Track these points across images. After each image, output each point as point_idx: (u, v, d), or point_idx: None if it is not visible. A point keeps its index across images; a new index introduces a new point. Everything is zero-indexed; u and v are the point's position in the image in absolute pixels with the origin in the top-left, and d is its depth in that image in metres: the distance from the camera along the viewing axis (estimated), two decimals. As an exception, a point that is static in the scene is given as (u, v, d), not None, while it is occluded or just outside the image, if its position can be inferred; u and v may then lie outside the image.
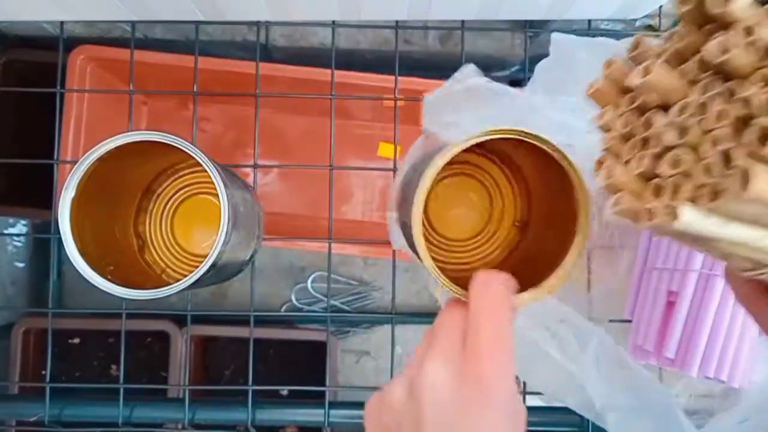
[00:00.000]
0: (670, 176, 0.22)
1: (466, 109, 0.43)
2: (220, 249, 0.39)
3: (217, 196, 0.39)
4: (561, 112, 0.40)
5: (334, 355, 0.84)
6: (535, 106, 0.41)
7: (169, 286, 0.39)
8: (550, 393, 0.45)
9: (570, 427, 0.54)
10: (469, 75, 0.43)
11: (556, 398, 0.44)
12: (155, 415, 0.55)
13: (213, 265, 0.39)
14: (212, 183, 0.39)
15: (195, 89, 0.55)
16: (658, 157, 0.22)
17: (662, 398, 0.40)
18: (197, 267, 0.39)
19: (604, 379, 0.40)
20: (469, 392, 0.25)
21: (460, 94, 0.43)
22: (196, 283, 0.39)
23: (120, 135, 0.39)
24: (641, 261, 0.49)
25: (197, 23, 0.54)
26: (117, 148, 0.39)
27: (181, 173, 0.53)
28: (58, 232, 0.39)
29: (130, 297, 0.39)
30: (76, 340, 0.88)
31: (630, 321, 0.49)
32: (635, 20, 0.64)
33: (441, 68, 0.78)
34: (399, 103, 0.55)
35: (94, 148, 0.39)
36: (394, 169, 0.53)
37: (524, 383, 0.49)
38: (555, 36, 0.42)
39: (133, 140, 0.39)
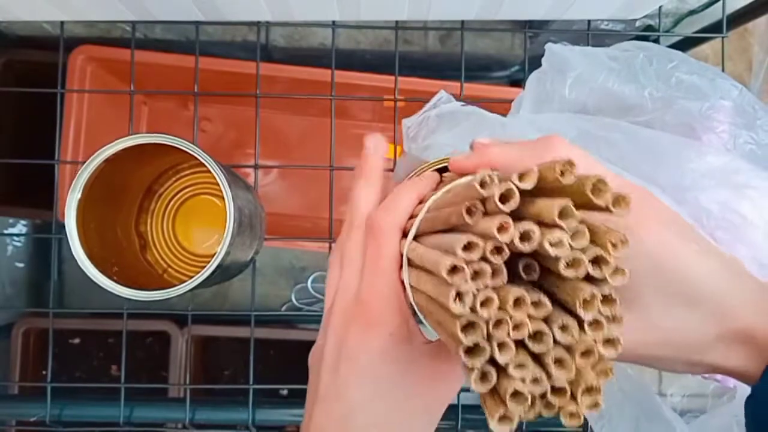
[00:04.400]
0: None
1: (440, 132, 0.44)
2: (225, 250, 0.39)
3: (218, 196, 0.39)
4: (536, 130, 0.40)
5: (334, 355, 0.84)
6: (504, 123, 0.42)
7: (174, 288, 0.39)
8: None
9: (570, 427, 0.54)
10: (443, 101, 0.44)
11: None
12: (155, 415, 0.55)
13: (219, 266, 0.39)
14: (214, 183, 0.39)
15: (195, 89, 0.55)
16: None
17: (642, 391, 0.40)
18: (199, 267, 0.39)
19: None
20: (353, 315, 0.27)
21: (435, 119, 0.44)
22: (201, 284, 0.39)
23: (125, 137, 0.39)
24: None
25: (197, 23, 0.54)
26: (121, 149, 0.39)
27: (183, 174, 0.53)
28: (58, 232, 0.39)
29: (135, 298, 0.39)
30: (76, 340, 0.88)
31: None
32: (635, 20, 0.64)
33: (441, 68, 0.79)
34: (399, 103, 0.55)
35: (100, 150, 0.39)
36: (394, 170, 0.53)
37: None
38: (549, 46, 0.42)
39: (139, 142, 0.39)
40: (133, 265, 0.50)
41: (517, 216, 0.21)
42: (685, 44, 0.64)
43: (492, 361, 0.21)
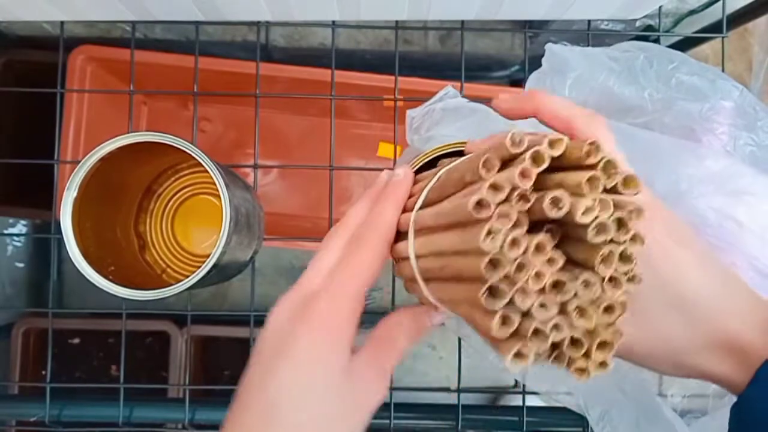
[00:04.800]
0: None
1: (444, 124, 0.43)
2: (221, 249, 0.39)
3: (217, 196, 0.39)
4: (536, 125, 0.40)
5: (334, 355, 0.84)
6: (508, 121, 0.42)
7: (170, 287, 0.39)
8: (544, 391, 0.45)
9: (570, 427, 0.54)
10: (449, 95, 0.44)
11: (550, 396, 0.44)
12: (155, 415, 0.55)
13: (215, 266, 0.39)
14: (213, 183, 0.39)
15: (195, 89, 0.55)
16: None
17: (642, 392, 0.40)
18: (198, 267, 0.39)
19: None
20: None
21: (440, 111, 0.43)
22: (198, 284, 0.39)
23: (122, 136, 0.39)
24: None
25: (197, 23, 0.54)
26: (119, 148, 0.39)
27: (182, 173, 0.53)
28: (58, 232, 0.39)
29: (131, 297, 0.39)
30: (76, 340, 0.88)
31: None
32: (635, 20, 0.64)
33: (441, 68, 0.79)
34: (399, 103, 0.55)
35: (96, 149, 0.39)
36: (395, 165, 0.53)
37: (524, 384, 0.49)
38: (549, 46, 0.42)
39: (135, 141, 0.39)
40: (132, 264, 0.50)
41: (535, 187, 0.22)
42: (685, 44, 0.64)
43: (511, 306, 0.21)
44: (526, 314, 0.21)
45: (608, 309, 0.22)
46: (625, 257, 0.22)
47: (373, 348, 0.28)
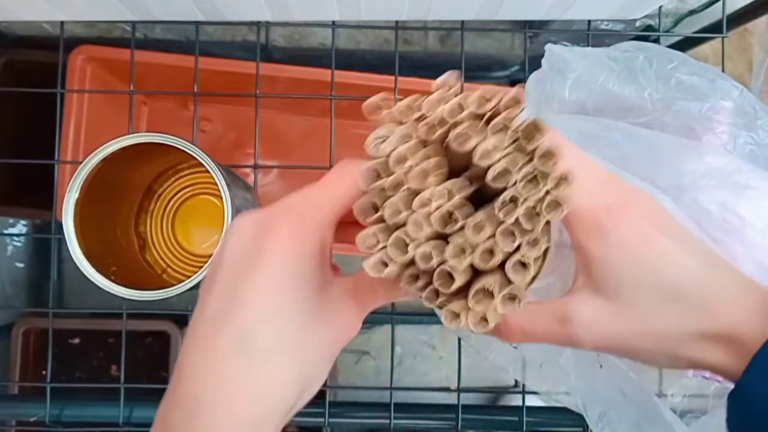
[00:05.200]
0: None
1: None
2: (220, 249, 0.39)
3: (217, 196, 0.39)
4: None
5: (334, 355, 0.84)
6: None
7: (172, 287, 0.39)
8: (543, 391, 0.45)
9: (570, 427, 0.54)
10: None
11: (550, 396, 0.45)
12: (155, 415, 0.55)
13: (214, 266, 0.39)
14: (213, 183, 0.39)
15: (195, 89, 0.55)
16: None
17: (642, 393, 0.40)
18: (198, 267, 0.39)
19: (583, 378, 0.40)
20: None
21: None
22: (199, 284, 0.39)
23: (123, 136, 0.39)
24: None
25: (197, 23, 0.54)
26: (120, 148, 0.39)
27: (182, 174, 0.53)
28: (58, 232, 0.39)
29: (133, 298, 0.39)
30: (76, 340, 0.88)
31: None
32: (635, 20, 0.64)
33: (441, 68, 0.78)
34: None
35: (98, 150, 0.39)
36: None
37: (523, 384, 0.49)
38: (549, 47, 0.42)
39: (137, 141, 0.39)
40: (132, 265, 0.50)
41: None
42: (685, 44, 0.64)
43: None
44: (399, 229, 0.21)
45: (490, 253, 0.21)
46: (530, 214, 0.21)
47: (356, 282, 0.26)
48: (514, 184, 0.21)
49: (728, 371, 0.25)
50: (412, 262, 0.22)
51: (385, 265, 0.22)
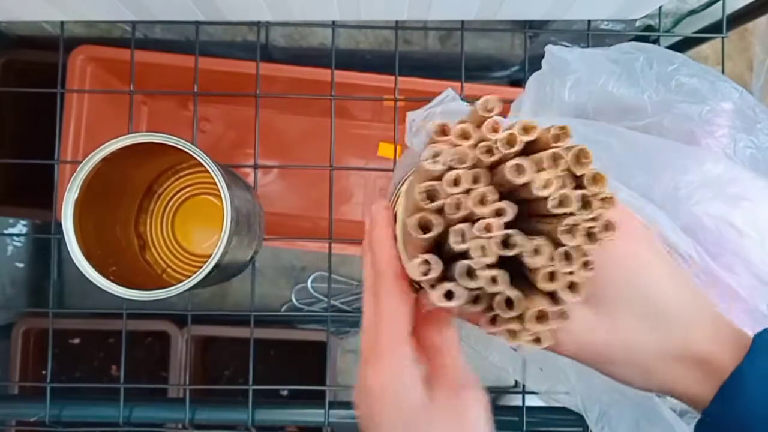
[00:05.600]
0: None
1: None
2: (223, 250, 0.39)
3: (217, 196, 0.39)
4: None
5: (334, 355, 0.84)
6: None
7: (171, 287, 0.39)
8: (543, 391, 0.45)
9: (570, 427, 0.54)
10: (449, 98, 0.44)
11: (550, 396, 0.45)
12: (155, 415, 0.55)
13: (216, 266, 0.39)
14: (213, 183, 0.39)
15: (195, 89, 0.55)
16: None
17: (642, 394, 0.40)
18: (198, 267, 0.39)
19: (583, 378, 0.40)
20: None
21: (440, 116, 0.43)
22: (199, 284, 0.39)
23: (123, 136, 0.39)
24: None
25: (197, 23, 0.54)
26: (119, 148, 0.39)
27: (182, 174, 0.53)
28: (58, 232, 0.39)
29: (132, 298, 0.39)
30: (76, 340, 0.88)
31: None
32: (635, 20, 0.64)
33: (441, 68, 0.79)
34: (399, 103, 0.55)
35: (97, 149, 0.39)
36: (394, 170, 0.53)
37: (523, 384, 0.49)
38: (549, 48, 0.42)
39: (136, 141, 0.39)
40: (132, 265, 0.50)
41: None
42: (685, 44, 0.64)
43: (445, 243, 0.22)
44: (458, 258, 0.22)
45: (552, 277, 0.22)
46: (591, 236, 0.22)
47: (432, 362, 0.28)
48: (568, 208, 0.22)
49: (698, 399, 0.26)
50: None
51: (449, 296, 0.22)
